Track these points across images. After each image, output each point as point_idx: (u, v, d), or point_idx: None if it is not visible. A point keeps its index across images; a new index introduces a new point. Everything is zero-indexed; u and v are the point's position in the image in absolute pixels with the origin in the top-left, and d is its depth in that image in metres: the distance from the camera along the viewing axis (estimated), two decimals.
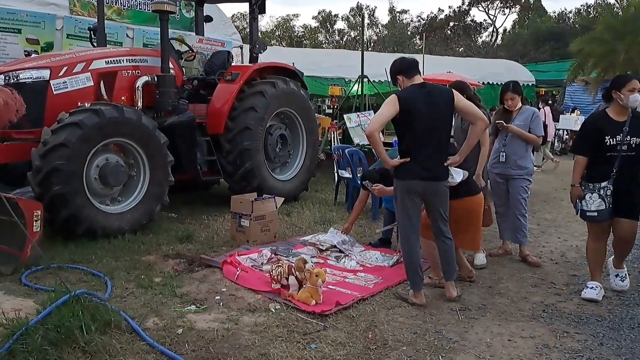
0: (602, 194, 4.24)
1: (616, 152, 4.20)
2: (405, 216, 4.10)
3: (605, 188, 4.23)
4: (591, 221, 4.40)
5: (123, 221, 5.48)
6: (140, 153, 5.66)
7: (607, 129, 4.24)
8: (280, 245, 5.54)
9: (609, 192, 4.23)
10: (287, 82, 7.43)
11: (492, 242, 6.04)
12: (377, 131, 3.91)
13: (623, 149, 4.19)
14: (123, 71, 6.20)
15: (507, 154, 5.31)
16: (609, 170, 4.21)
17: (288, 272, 4.25)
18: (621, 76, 4.57)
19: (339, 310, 3.95)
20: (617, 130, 4.21)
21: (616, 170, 4.19)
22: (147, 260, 4.93)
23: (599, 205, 4.25)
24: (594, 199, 4.26)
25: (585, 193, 4.32)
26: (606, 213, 4.27)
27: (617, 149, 4.20)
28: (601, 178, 4.25)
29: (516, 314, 4.08)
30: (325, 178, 9.77)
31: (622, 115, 4.27)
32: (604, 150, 4.24)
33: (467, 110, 4.07)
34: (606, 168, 4.23)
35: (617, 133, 4.21)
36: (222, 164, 6.94)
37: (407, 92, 4.01)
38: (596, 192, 4.26)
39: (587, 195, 4.31)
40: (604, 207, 4.24)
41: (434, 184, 4.04)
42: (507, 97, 5.28)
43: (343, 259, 5.18)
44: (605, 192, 4.23)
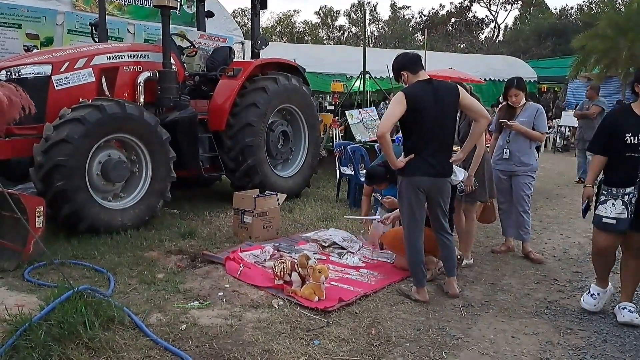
0: (626, 200, 3.73)
1: (638, 152, 3.74)
2: (409, 212, 4.08)
3: (630, 195, 3.72)
4: (607, 230, 3.82)
5: (125, 217, 5.48)
6: (142, 149, 5.65)
7: (629, 126, 3.78)
8: (282, 241, 5.53)
9: (634, 199, 3.71)
10: (289, 78, 7.41)
11: (494, 238, 6.04)
12: (387, 132, 3.89)
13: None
14: (125, 67, 6.18)
15: (510, 151, 5.30)
16: (633, 174, 3.73)
17: (291, 268, 4.24)
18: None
19: (342, 306, 3.95)
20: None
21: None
22: (150, 256, 4.92)
23: (621, 212, 3.73)
24: (617, 206, 3.74)
25: (608, 198, 3.81)
26: (626, 222, 3.74)
27: (638, 150, 3.74)
28: (625, 183, 3.75)
29: (519, 310, 4.07)
30: (327, 175, 9.76)
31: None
32: (624, 149, 3.77)
33: (471, 107, 4.05)
34: (629, 171, 3.75)
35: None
36: (224, 161, 6.93)
37: (414, 89, 3.98)
38: (620, 199, 3.74)
39: (609, 201, 3.80)
40: (625, 216, 3.72)
41: (439, 180, 4.03)
42: (511, 94, 5.26)
43: (345, 255, 5.17)
44: (630, 200, 3.72)
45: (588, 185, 4.07)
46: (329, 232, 5.65)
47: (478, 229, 6.28)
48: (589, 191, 4.06)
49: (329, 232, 5.66)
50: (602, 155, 3.93)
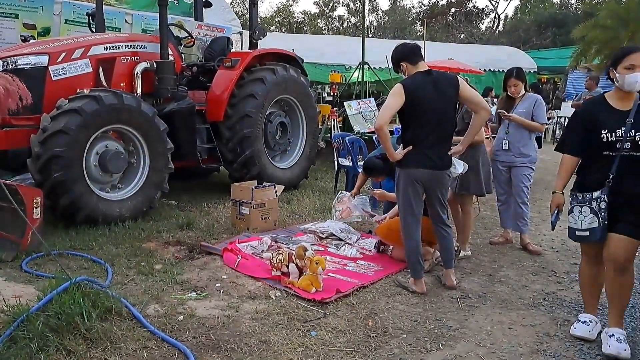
0: (594, 206, 3.21)
1: (615, 151, 3.21)
2: (407, 204, 4.08)
3: (598, 199, 3.21)
4: (582, 242, 3.44)
5: (123, 208, 5.48)
6: (140, 140, 5.64)
7: (605, 120, 3.25)
8: (280, 232, 5.53)
9: (604, 204, 3.20)
10: (287, 69, 7.38)
11: (492, 230, 6.05)
12: (386, 124, 3.87)
13: (625, 147, 3.18)
14: (122, 57, 6.16)
15: (509, 142, 5.29)
16: (605, 176, 3.22)
17: (288, 259, 4.25)
18: (621, 49, 3.47)
19: (339, 297, 3.95)
20: (618, 121, 3.21)
21: (613, 176, 3.20)
22: (148, 247, 4.93)
23: (591, 221, 3.23)
24: (585, 214, 3.24)
25: (573, 205, 3.33)
26: (600, 231, 3.23)
27: (616, 147, 3.21)
28: (593, 186, 3.26)
29: (517, 302, 4.08)
30: (325, 166, 9.76)
31: (626, 101, 3.27)
32: (600, 148, 3.25)
33: (471, 99, 4.03)
34: (601, 172, 3.24)
35: (617, 126, 3.20)
36: (221, 152, 6.92)
37: (413, 81, 3.96)
38: (587, 205, 3.23)
39: (575, 208, 3.31)
40: (597, 225, 3.21)
41: (438, 172, 4.03)
42: (511, 84, 5.24)
43: (343, 247, 5.17)
44: (599, 205, 3.20)
45: (557, 191, 3.49)
46: (326, 224, 5.65)
47: (476, 220, 6.31)
48: (559, 199, 3.49)
49: (327, 223, 5.66)
50: (574, 156, 3.43)
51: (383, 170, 5.20)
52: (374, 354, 3.20)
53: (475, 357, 3.22)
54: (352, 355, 3.17)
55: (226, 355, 3.09)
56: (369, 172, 5.43)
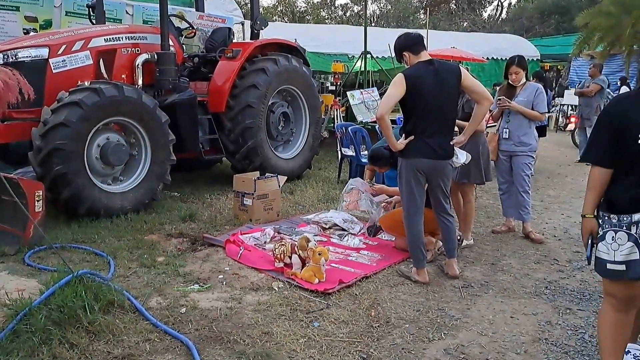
0: (634, 233, 2.46)
1: None
2: (409, 194, 4.07)
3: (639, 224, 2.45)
4: (615, 278, 2.55)
5: (125, 200, 5.48)
6: (141, 132, 5.63)
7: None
8: (283, 223, 5.53)
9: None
10: (289, 59, 7.34)
11: (495, 219, 6.04)
12: (387, 114, 3.86)
13: None
14: (122, 49, 6.13)
15: (510, 131, 5.26)
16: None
17: (291, 250, 4.25)
18: None
19: (342, 288, 3.96)
20: None
21: None
22: (150, 239, 4.93)
23: (630, 252, 2.46)
24: (621, 242, 2.48)
25: (606, 230, 2.54)
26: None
27: None
28: (628, 206, 2.50)
29: (519, 290, 4.08)
30: (328, 156, 9.75)
31: None
32: (635, 155, 2.48)
33: (473, 88, 4.00)
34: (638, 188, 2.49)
35: None
36: (224, 143, 6.91)
37: (414, 71, 3.94)
38: (623, 231, 2.48)
39: (608, 234, 2.53)
40: (637, 257, 2.45)
41: (439, 162, 4.01)
42: (512, 71, 5.21)
43: (346, 237, 5.17)
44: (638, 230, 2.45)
45: (588, 215, 2.67)
46: (329, 214, 5.64)
47: (479, 209, 6.31)
48: (590, 224, 2.66)
49: (330, 213, 5.66)
50: (605, 167, 2.60)
51: (388, 161, 5.17)
52: (377, 344, 3.20)
53: (477, 346, 3.22)
54: (354, 346, 3.17)
55: (229, 347, 3.10)
56: (374, 161, 5.41)
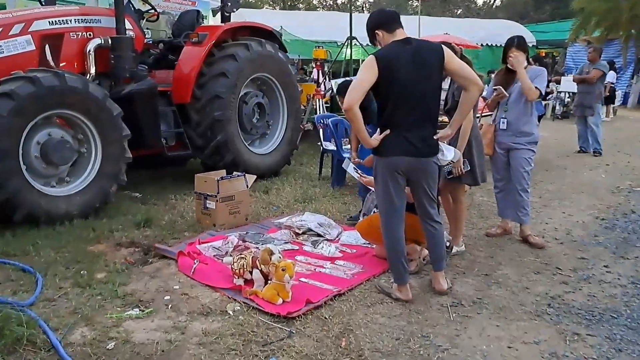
0: None
1: None
2: (386, 198, 3.45)
3: None
4: None
5: (71, 205, 4.84)
6: (90, 127, 4.98)
7: None
8: (251, 229, 4.91)
9: None
10: (262, 44, 6.69)
11: (489, 219, 5.44)
12: (356, 103, 3.22)
13: None
14: (71, 33, 5.47)
15: (508, 120, 4.64)
16: None
17: (252, 264, 3.63)
18: None
19: (310, 310, 3.35)
20: None
21: None
22: (95, 250, 4.31)
23: None
24: None
25: None
26: None
27: None
28: None
29: (517, 309, 3.48)
30: (312, 150, 9.10)
31: None
32: None
33: (459, 72, 3.37)
34: None
35: None
36: (190, 137, 6.28)
37: (387, 51, 3.32)
38: None
39: None
40: None
41: (421, 160, 3.39)
42: (511, 54, 4.57)
43: (321, 244, 4.56)
44: None
45: None
46: (304, 217, 5.03)
47: (471, 208, 5.72)
48: None
49: (305, 216, 5.04)
50: None
51: None
52: None
53: None
54: None
55: None
56: (340, 92, 4.86)
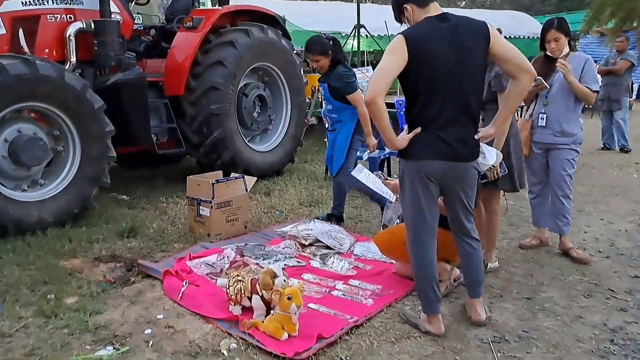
0: None
1: None
2: (415, 210, 2.82)
3: None
4: None
5: (45, 211, 4.22)
6: (67, 122, 4.36)
7: None
8: (250, 239, 4.30)
9: None
10: (264, 30, 6.06)
11: (521, 227, 4.82)
12: (380, 95, 2.59)
13: None
14: (48, 15, 4.84)
15: (547, 116, 4.01)
16: None
17: (251, 288, 3.02)
18: None
19: (322, 347, 2.73)
20: None
21: None
22: (69, 265, 3.70)
23: None
24: None
25: None
26: None
27: None
28: None
29: (574, 347, 2.85)
30: (317, 146, 8.50)
31: None
32: None
33: (507, 56, 2.73)
34: None
35: None
36: (184, 133, 5.66)
37: (419, 30, 2.68)
38: None
39: None
40: None
41: (459, 165, 2.76)
42: (550, 38, 3.93)
43: (331, 258, 3.94)
44: None
45: None
46: (311, 225, 4.41)
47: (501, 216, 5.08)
48: None
49: (312, 224, 4.43)
50: None
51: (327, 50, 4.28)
52: None
53: None
54: None
55: None
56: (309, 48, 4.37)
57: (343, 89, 4.32)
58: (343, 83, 4.31)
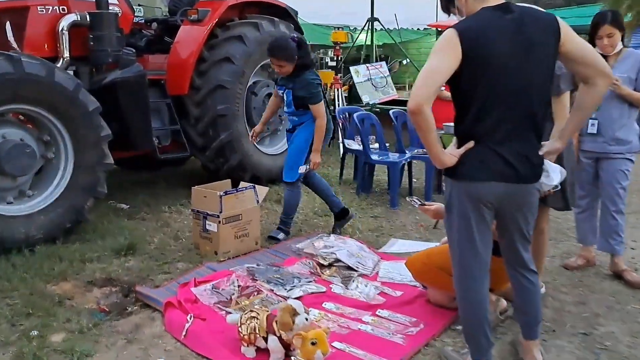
0: None
1: None
2: (465, 241, 2.35)
3: None
4: None
5: (33, 226, 3.76)
6: (57, 126, 3.90)
7: None
8: (263, 257, 3.85)
9: None
10: (275, 24, 5.60)
11: (560, 242, 4.36)
12: (427, 103, 2.12)
13: None
14: (38, 7, 4.38)
15: (600, 123, 3.54)
16: None
17: (267, 327, 2.57)
18: None
19: None
20: None
21: None
22: (59, 291, 3.26)
23: None
24: None
25: None
26: None
27: None
28: None
29: None
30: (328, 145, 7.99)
31: None
32: None
33: (581, 56, 2.24)
34: None
35: None
36: (188, 136, 5.21)
37: (475, 23, 2.20)
38: None
39: None
40: None
41: (520, 187, 2.29)
42: (603, 34, 3.46)
43: (354, 282, 3.48)
44: None
45: None
46: (328, 241, 3.96)
47: None
48: None
49: (329, 240, 3.98)
50: None
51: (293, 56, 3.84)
52: None
53: None
54: None
55: None
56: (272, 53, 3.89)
57: (309, 99, 3.95)
58: (309, 93, 3.94)
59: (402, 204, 5.31)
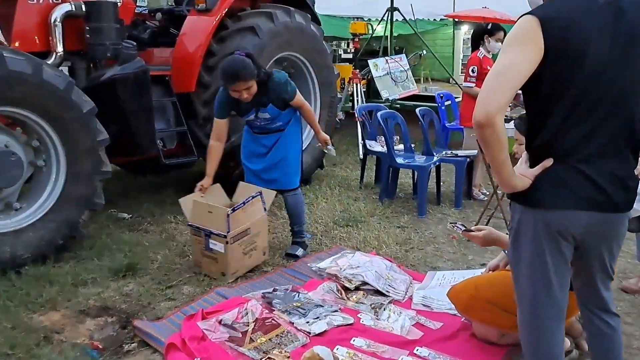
0: None
1: None
2: (538, 282, 1.88)
3: None
4: None
5: (21, 244, 3.33)
6: (47, 130, 3.46)
7: None
8: (280, 279, 3.39)
9: None
10: (290, 14, 5.11)
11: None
12: (501, 113, 1.66)
13: None
14: None
15: None
16: None
17: None
18: None
19: None
20: None
21: None
22: (46, 322, 2.84)
23: None
24: None
25: None
26: None
27: None
28: None
29: None
30: (344, 144, 7.54)
31: None
32: None
33: None
34: None
35: None
36: (196, 137, 4.76)
37: (561, 9, 1.72)
38: None
39: None
40: None
41: (611, 217, 1.81)
42: None
43: (386, 311, 3.03)
44: None
45: None
46: (352, 260, 3.50)
47: None
48: None
49: (354, 259, 3.51)
50: None
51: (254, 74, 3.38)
52: None
53: None
54: None
55: None
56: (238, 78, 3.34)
57: (289, 99, 3.61)
58: (287, 94, 3.57)
59: (429, 212, 4.84)
